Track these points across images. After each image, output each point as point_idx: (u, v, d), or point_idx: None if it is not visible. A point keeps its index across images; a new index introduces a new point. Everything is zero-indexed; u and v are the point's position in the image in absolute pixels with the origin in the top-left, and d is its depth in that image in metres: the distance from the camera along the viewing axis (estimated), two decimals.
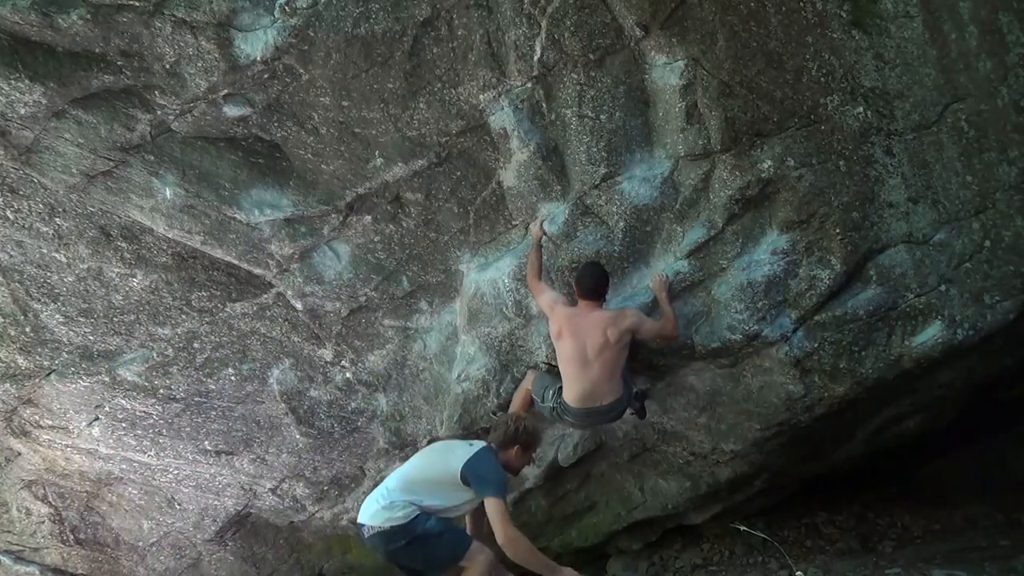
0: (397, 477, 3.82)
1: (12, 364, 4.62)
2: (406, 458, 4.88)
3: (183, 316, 4.55)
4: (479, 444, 3.89)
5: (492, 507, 3.61)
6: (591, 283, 3.98)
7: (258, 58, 3.92)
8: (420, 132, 4.14)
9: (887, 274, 4.08)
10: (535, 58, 4.00)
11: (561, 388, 4.07)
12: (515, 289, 4.32)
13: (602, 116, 4.06)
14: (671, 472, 5.15)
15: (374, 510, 3.71)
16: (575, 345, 3.93)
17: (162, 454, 5.02)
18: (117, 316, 4.51)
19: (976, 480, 5.89)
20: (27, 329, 4.51)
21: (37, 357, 4.60)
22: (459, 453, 3.80)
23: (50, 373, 4.66)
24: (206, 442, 4.97)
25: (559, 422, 4.31)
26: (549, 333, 4.11)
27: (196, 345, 4.64)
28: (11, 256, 4.33)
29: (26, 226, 4.25)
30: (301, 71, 4.00)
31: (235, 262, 4.41)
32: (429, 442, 4.59)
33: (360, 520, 3.78)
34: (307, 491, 5.13)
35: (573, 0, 3.92)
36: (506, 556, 3.64)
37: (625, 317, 3.93)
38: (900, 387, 4.44)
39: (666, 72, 4.01)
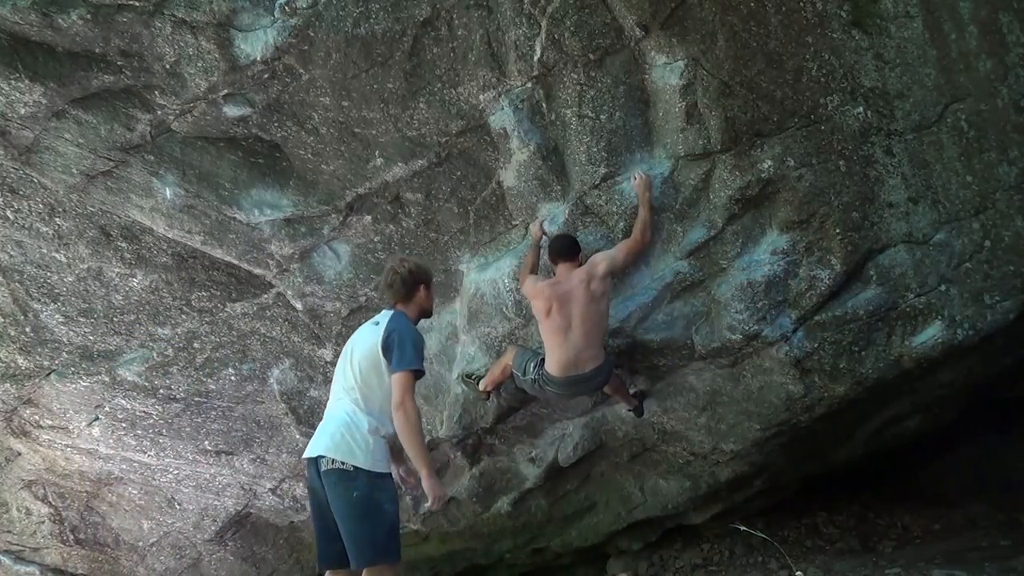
0: (342, 398, 3.44)
1: (12, 364, 4.63)
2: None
3: (183, 316, 4.55)
4: (386, 313, 3.57)
5: (400, 380, 3.29)
6: (559, 244, 4.05)
7: (258, 58, 3.92)
8: (420, 132, 4.14)
9: (887, 274, 4.08)
10: (535, 58, 4.00)
11: (543, 360, 4.06)
12: (515, 289, 4.32)
13: (602, 116, 4.06)
14: (671, 472, 5.14)
15: (336, 441, 3.29)
16: (562, 317, 3.94)
17: (162, 454, 5.02)
18: (117, 316, 4.51)
19: (976, 480, 5.89)
20: (27, 329, 4.51)
21: (37, 357, 4.60)
22: (374, 333, 3.46)
23: (50, 373, 4.66)
24: (206, 442, 4.97)
25: (539, 395, 4.27)
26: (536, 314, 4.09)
27: (196, 345, 4.64)
28: (11, 256, 4.33)
29: (26, 226, 4.25)
30: (301, 71, 4.00)
31: (235, 262, 4.41)
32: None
33: (314, 452, 3.33)
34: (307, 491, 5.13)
35: (573, 0, 3.92)
36: None
37: (597, 264, 3.96)
38: (900, 387, 4.44)
39: (666, 72, 4.01)
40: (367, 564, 3.23)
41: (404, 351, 3.35)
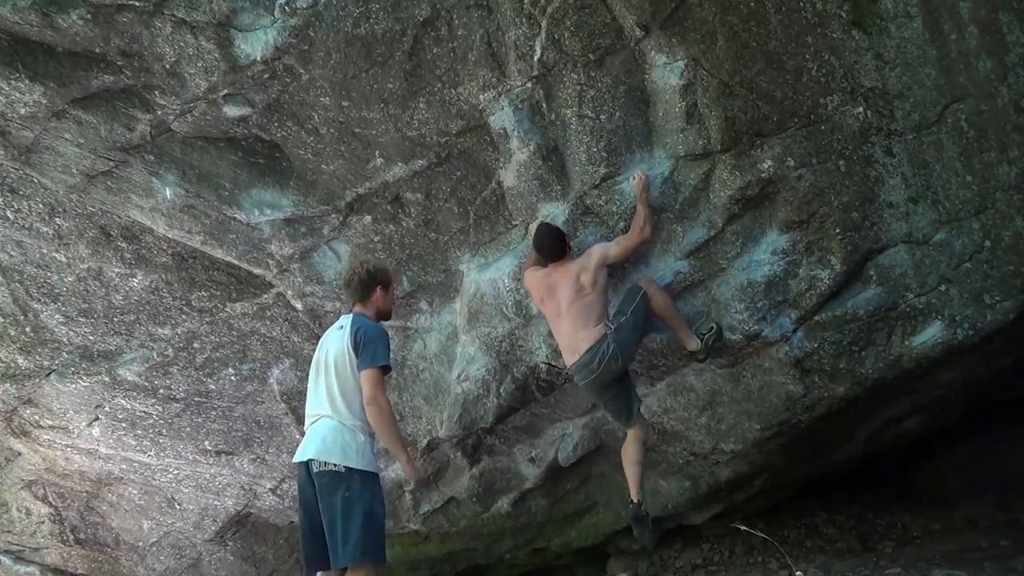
0: (324, 408, 3.47)
1: (12, 364, 4.62)
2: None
3: (183, 316, 4.55)
4: (347, 317, 3.63)
5: (369, 376, 3.38)
6: (548, 244, 3.99)
7: (258, 58, 3.92)
8: (420, 132, 4.14)
9: (887, 274, 4.08)
10: (535, 58, 4.00)
11: None
12: (515, 289, 4.32)
13: (602, 116, 4.06)
14: (671, 472, 5.14)
15: (327, 445, 3.37)
16: (552, 305, 3.97)
17: (162, 454, 5.02)
18: (117, 316, 4.51)
19: (976, 480, 5.88)
20: (27, 329, 4.51)
21: (37, 357, 4.60)
22: (341, 337, 3.53)
23: (50, 373, 4.66)
24: (206, 442, 4.97)
25: (601, 404, 4.22)
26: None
27: (196, 345, 4.64)
28: (11, 256, 4.33)
29: (26, 226, 4.25)
30: (301, 71, 4.00)
31: (235, 262, 4.41)
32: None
33: (305, 456, 3.38)
34: None
35: (573, 0, 3.92)
36: None
37: (591, 256, 3.94)
38: (900, 387, 4.44)
39: (666, 72, 4.01)
40: (353, 563, 3.27)
41: (373, 348, 3.45)
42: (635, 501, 4.12)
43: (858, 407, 4.49)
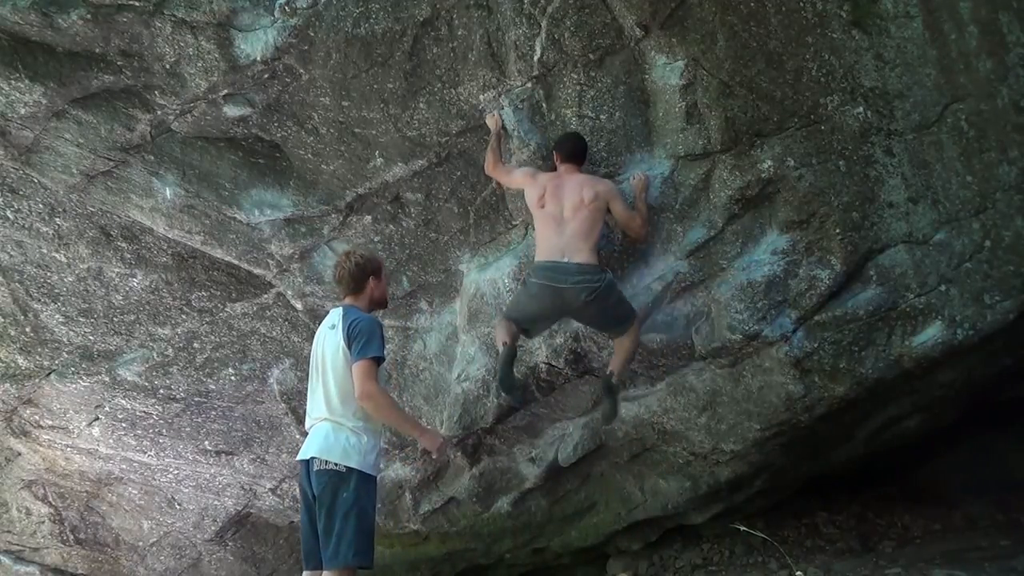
0: (323, 412, 3.45)
1: (12, 364, 4.63)
2: (407, 458, 4.90)
3: (183, 316, 4.55)
4: (337, 312, 3.57)
5: (359, 368, 3.32)
6: (570, 146, 3.95)
7: (258, 58, 3.92)
8: (420, 132, 4.14)
9: (887, 274, 4.08)
10: (535, 58, 4.00)
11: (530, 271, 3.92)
12: (515, 289, 4.32)
13: (602, 116, 4.06)
14: (671, 472, 5.14)
15: (329, 443, 3.37)
16: (555, 207, 3.87)
17: (162, 454, 5.02)
18: (117, 316, 4.51)
19: (976, 480, 5.88)
20: (27, 329, 4.51)
21: (37, 357, 4.60)
22: (335, 335, 3.48)
23: (50, 373, 4.66)
24: (206, 442, 4.97)
25: (525, 309, 3.98)
26: (527, 203, 4.01)
27: (196, 345, 4.64)
28: (11, 256, 4.33)
29: (26, 226, 4.25)
30: (301, 71, 4.00)
31: (235, 262, 4.41)
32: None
33: (307, 454, 3.39)
34: None
35: (573, 0, 3.92)
36: None
37: (602, 182, 3.92)
38: (900, 387, 4.44)
39: (666, 72, 4.01)
40: (345, 563, 3.26)
41: (364, 340, 3.38)
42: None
43: (858, 407, 4.48)
